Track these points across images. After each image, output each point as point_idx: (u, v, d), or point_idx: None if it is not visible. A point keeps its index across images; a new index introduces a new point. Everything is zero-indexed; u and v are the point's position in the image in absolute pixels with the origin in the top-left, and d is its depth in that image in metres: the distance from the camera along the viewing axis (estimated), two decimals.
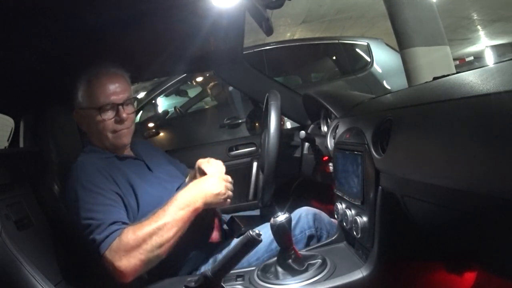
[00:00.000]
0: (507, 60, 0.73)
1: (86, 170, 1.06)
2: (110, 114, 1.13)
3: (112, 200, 1.01)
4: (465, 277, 0.83)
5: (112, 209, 0.99)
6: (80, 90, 1.14)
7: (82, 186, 1.01)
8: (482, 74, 0.67)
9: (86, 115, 1.14)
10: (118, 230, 0.94)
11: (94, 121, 1.12)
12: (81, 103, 1.14)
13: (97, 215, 0.96)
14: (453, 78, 0.79)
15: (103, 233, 0.93)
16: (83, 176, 1.04)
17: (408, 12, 3.11)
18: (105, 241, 0.92)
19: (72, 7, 0.95)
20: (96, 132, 1.15)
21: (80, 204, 0.98)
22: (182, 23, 1.25)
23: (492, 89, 0.54)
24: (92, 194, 0.99)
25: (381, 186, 0.80)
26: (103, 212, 0.97)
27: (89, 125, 1.16)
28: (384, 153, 0.78)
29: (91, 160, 1.11)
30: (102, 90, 1.12)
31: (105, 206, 0.98)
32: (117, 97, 1.13)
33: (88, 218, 0.96)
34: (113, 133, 1.14)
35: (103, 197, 1.00)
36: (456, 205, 0.59)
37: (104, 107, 1.11)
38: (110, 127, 1.13)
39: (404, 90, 1.29)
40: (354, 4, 5.90)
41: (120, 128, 1.14)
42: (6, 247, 0.84)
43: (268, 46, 3.63)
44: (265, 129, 1.30)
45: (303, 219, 1.11)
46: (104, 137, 1.14)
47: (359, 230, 0.89)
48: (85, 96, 1.13)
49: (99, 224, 0.94)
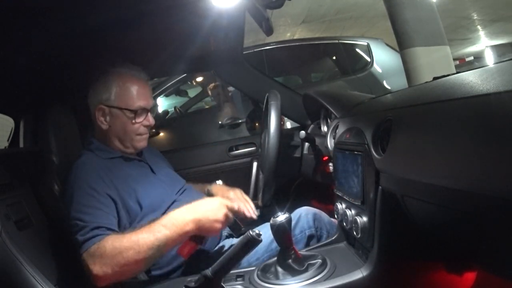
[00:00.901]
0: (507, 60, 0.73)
1: (85, 170, 1.06)
2: (141, 118, 1.16)
3: (103, 204, 1.00)
4: (465, 277, 0.83)
5: (100, 213, 0.97)
6: (114, 88, 1.14)
7: (78, 186, 1.01)
8: (482, 74, 0.67)
9: (115, 114, 1.15)
10: (100, 235, 0.92)
11: (124, 121, 1.14)
12: (112, 101, 1.14)
13: (84, 217, 0.95)
14: (453, 78, 0.79)
15: (85, 235, 0.92)
16: (81, 175, 1.04)
17: (408, 12, 3.11)
18: (85, 244, 0.91)
19: (72, 7, 0.95)
20: (122, 132, 1.16)
21: (73, 203, 0.99)
22: (182, 23, 1.25)
23: (492, 89, 0.54)
24: (85, 195, 0.99)
25: (381, 186, 0.80)
26: (91, 215, 0.96)
27: (115, 124, 1.16)
28: (384, 153, 0.78)
29: (94, 159, 1.11)
30: (140, 94, 1.15)
31: (94, 209, 0.98)
32: (148, 102, 1.17)
33: (75, 218, 0.96)
34: (139, 136, 1.17)
35: (95, 200, 0.99)
36: (456, 205, 0.59)
37: (138, 110, 1.14)
38: (139, 130, 1.16)
39: (404, 90, 1.29)
40: (354, 4, 5.90)
41: (145, 132, 1.19)
42: (6, 247, 0.84)
43: (268, 46, 3.63)
44: (265, 129, 1.30)
45: (303, 219, 1.11)
46: (129, 138, 1.16)
47: (359, 230, 0.89)
48: (120, 96, 1.14)
49: (84, 226, 0.94)
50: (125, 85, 1.15)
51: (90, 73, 1.37)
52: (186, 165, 1.65)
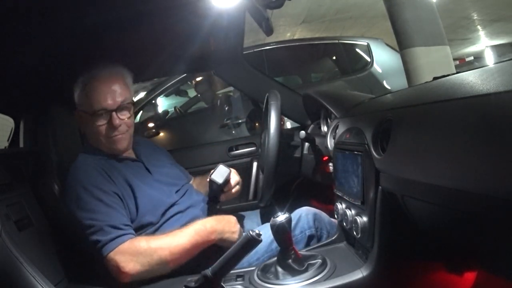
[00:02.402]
0: (507, 60, 0.73)
1: (86, 171, 1.06)
2: (103, 120, 1.11)
3: (114, 202, 1.01)
4: (465, 277, 0.83)
5: (114, 212, 0.99)
6: (76, 92, 1.14)
7: (83, 187, 1.01)
8: (482, 74, 0.67)
9: (82, 117, 1.14)
10: (127, 235, 0.96)
11: (89, 125, 1.12)
12: (78, 105, 1.14)
13: (99, 217, 0.97)
14: (453, 78, 0.79)
15: (108, 235, 0.95)
16: (83, 176, 1.04)
17: (408, 12, 3.11)
18: (110, 243, 0.94)
19: (72, 7, 0.95)
20: (92, 135, 1.14)
21: (81, 205, 0.99)
22: (182, 23, 1.25)
23: (492, 89, 0.54)
24: (93, 196, 1.00)
25: (381, 186, 0.80)
26: (106, 214, 0.98)
27: (86, 128, 1.16)
28: (384, 153, 0.78)
29: (90, 160, 1.11)
30: (95, 95, 1.10)
31: (107, 208, 0.99)
32: (111, 102, 1.10)
33: (89, 219, 0.97)
34: (107, 139, 1.13)
35: (105, 199, 1.00)
36: (456, 205, 0.59)
37: (97, 112, 1.10)
38: (103, 133, 1.12)
39: (404, 90, 1.29)
40: (354, 4, 5.90)
41: (113, 134, 1.12)
42: (6, 247, 0.84)
43: (268, 46, 3.63)
44: (265, 129, 1.30)
45: (303, 219, 1.11)
46: (101, 141, 1.14)
47: (359, 230, 0.89)
48: (80, 98, 1.13)
49: (102, 226, 0.95)
50: (84, 87, 1.12)
51: None
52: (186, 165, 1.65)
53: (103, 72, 1.13)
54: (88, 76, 1.13)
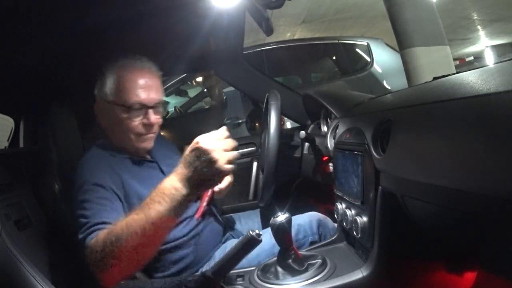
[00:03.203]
0: (507, 60, 0.73)
1: (90, 166, 1.00)
2: (138, 115, 1.03)
3: (108, 200, 0.93)
4: (465, 277, 0.83)
5: (104, 209, 0.90)
6: (109, 81, 1.04)
7: (82, 181, 0.96)
8: (482, 74, 0.67)
9: (110, 110, 1.04)
10: (98, 230, 0.84)
11: (119, 118, 1.03)
12: (107, 95, 1.03)
13: (86, 213, 0.89)
14: (453, 78, 0.79)
15: (85, 232, 0.85)
16: (85, 172, 0.98)
17: (408, 12, 3.11)
18: (85, 241, 0.84)
19: (72, 7, 0.95)
20: (118, 130, 1.05)
21: (77, 201, 0.93)
22: (182, 23, 1.25)
23: (492, 89, 0.54)
24: (88, 191, 0.93)
25: (381, 186, 0.80)
26: (93, 210, 0.89)
27: (111, 121, 1.05)
28: (384, 153, 0.78)
29: (100, 154, 1.04)
30: (134, 87, 1.02)
31: (97, 205, 0.91)
32: (149, 98, 1.03)
33: (78, 216, 0.90)
34: (138, 136, 1.05)
35: (99, 195, 0.93)
36: (456, 205, 0.59)
37: (133, 106, 1.01)
38: (136, 130, 1.04)
39: (404, 90, 1.29)
40: (354, 4, 5.90)
41: (145, 132, 1.06)
42: (6, 247, 0.84)
43: (268, 46, 3.63)
44: (265, 129, 1.30)
45: (307, 224, 1.11)
46: (127, 138, 1.05)
47: (359, 230, 0.89)
48: (113, 88, 1.03)
49: (85, 222, 0.87)
50: (122, 77, 1.03)
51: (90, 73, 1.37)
52: None
53: (141, 64, 1.06)
54: (123, 66, 1.05)
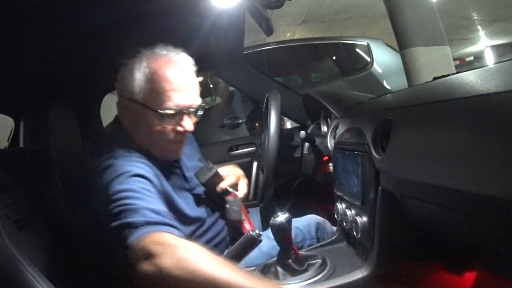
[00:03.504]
0: (507, 60, 0.73)
1: (127, 159, 0.84)
2: (173, 121, 0.89)
3: (153, 193, 0.80)
4: (465, 277, 0.83)
5: (151, 200, 0.77)
6: (137, 76, 0.87)
7: (121, 173, 0.79)
8: (482, 74, 0.67)
9: (139, 112, 0.88)
10: (171, 227, 0.72)
11: (148, 123, 0.88)
12: (134, 94, 0.87)
13: (132, 201, 0.74)
14: (453, 78, 0.79)
15: (144, 218, 0.71)
16: (123, 164, 0.82)
17: (408, 12, 3.11)
18: (146, 227, 0.70)
19: (72, 7, 0.95)
20: (146, 135, 0.91)
21: (115, 191, 0.77)
22: (182, 23, 1.25)
23: (492, 89, 0.54)
24: (132, 182, 0.78)
25: (381, 186, 0.80)
26: (141, 199, 0.75)
27: (138, 124, 0.90)
28: (384, 153, 0.78)
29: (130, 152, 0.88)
30: (170, 88, 0.85)
31: (144, 195, 0.77)
32: (187, 101, 0.88)
33: (120, 205, 0.74)
34: (168, 143, 0.91)
35: (143, 187, 0.79)
36: (456, 205, 0.59)
37: (168, 112, 0.86)
38: (167, 137, 0.90)
39: (404, 90, 1.29)
40: (354, 4, 5.90)
41: (178, 139, 0.92)
42: (6, 247, 0.84)
43: (268, 46, 3.63)
44: (265, 129, 1.30)
45: (305, 228, 1.11)
46: (155, 143, 0.91)
47: (359, 230, 0.89)
48: (143, 87, 0.87)
49: (136, 208, 0.73)
50: (155, 75, 0.86)
51: (90, 73, 1.37)
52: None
53: (174, 58, 0.90)
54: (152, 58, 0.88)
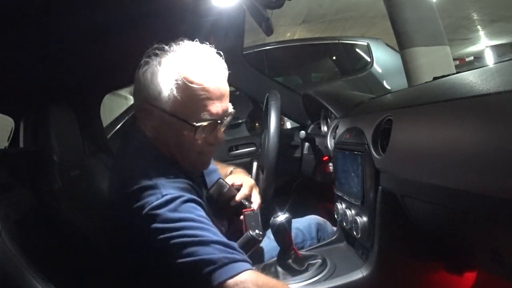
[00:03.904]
0: (507, 60, 0.73)
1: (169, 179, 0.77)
2: (206, 133, 0.83)
3: (209, 220, 0.76)
4: (465, 277, 0.83)
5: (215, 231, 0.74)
6: (166, 83, 0.79)
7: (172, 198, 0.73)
8: (482, 74, 0.67)
9: (166, 121, 0.81)
10: (248, 262, 0.72)
11: (177, 135, 0.82)
12: (163, 102, 0.79)
13: (205, 235, 0.71)
14: (453, 78, 0.79)
15: (221, 254, 0.69)
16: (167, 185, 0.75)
17: (408, 12, 3.11)
18: (232, 265, 0.69)
19: (72, 6, 0.95)
20: (175, 147, 0.84)
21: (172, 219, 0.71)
22: (182, 23, 1.25)
23: (492, 89, 0.54)
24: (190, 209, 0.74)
25: (381, 186, 0.80)
26: (211, 232, 0.72)
27: (166, 134, 0.83)
28: (384, 153, 0.78)
29: (163, 165, 0.81)
30: (206, 99, 0.79)
31: (210, 226, 0.74)
32: (220, 111, 0.82)
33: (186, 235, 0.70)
34: (198, 155, 0.85)
35: (202, 215, 0.75)
36: (456, 205, 0.59)
37: (203, 124, 0.80)
38: (198, 149, 0.84)
39: (404, 90, 1.30)
40: (354, 4, 5.90)
41: (209, 150, 0.87)
42: (6, 247, 0.84)
43: (268, 46, 3.63)
44: (265, 129, 1.30)
45: (306, 229, 1.11)
46: (184, 157, 0.84)
47: (359, 230, 0.89)
48: (175, 97, 0.78)
49: (206, 241, 0.70)
50: (188, 81, 0.78)
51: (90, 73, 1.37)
52: None
53: (209, 60, 0.85)
54: (184, 61, 0.81)
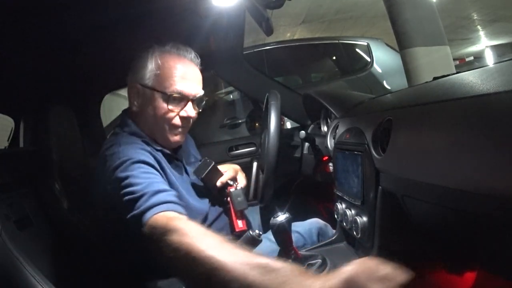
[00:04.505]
0: (507, 60, 0.73)
1: (130, 146, 0.91)
2: (176, 105, 0.98)
3: (157, 175, 0.87)
4: (465, 277, 0.83)
5: (155, 181, 0.83)
6: (149, 64, 0.98)
7: (124, 160, 0.85)
8: (482, 74, 0.67)
9: (148, 96, 0.98)
10: (177, 205, 0.78)
11: (155, 105, 0.97)
12: (147, 79, 0.98)
13: (137, 187, 0.80)
14: (453, 78, 0.79)
15: (143, 206, 0.76)
16: (126, 151, 0.88)
17: (408, 12, 3.11)
18: (142, 217, 0.75)
19: (72, 7, 0.95)
20: (152, 118, 0.99)
21: (120, 178, 0.82)
22: (182, 23, 1.25)
23: (492, 89, 0.54)
24: (135, 168, 0.84)
25: (381, 186, 0.80)
26: (145, 183, 0.81)
27: (146, 107, 0.99)
28: (384, 153, 0.78)
29: (135, 139, 0.96)
30: (177, 75, 0.97)
31: (147, 179, 0.83)
32: (191, 89, 0.99)
33: (127, 193, 0.80)
34: (171, 128, 1.00)
35: (147, 171, 0.85)
36: (456, 205, 0.59)
37: (174, 95, 0.96)
38: (171, 121, 0.99)
39: (404, 90, 1.30)
40: (354, 4, 5.90)
41: (180, 124, 1.00)
42: (6, 247, 0.84)
43: (268, 46, 3.63)
44: (265, 129, 1.30)
45: (306, 233, 1.12)
46: (160, 127, 0.99)
47: (359, 230, 0.89)
48: (157, 75, 0.97)
49: (139, 196, 0.78)
50: (165, 63, 0.97)
51: (90, 73, 1.37)
52: None
53: (183, 53, 1.02)
54: (165, 51, 1.00)
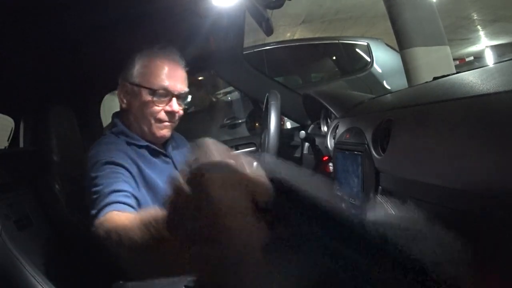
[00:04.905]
0: (507, 60, 0.73)
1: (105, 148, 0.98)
2: (161, 101, 1.05)
3: (120, 174, 0.92)
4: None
5: (115, 181, 0.88)
6: (137, 64, 1.06)
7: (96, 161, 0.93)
8: (482, 74, 0.67)
9: (135, 92, 1.05)
10: (119, 203, 0.81)
11: (142, 101, 1.04)
12: (133, 77, 1.06)
13: (98, 187, 0.86)
14: (453, 78, 0.79)
15: (99, 206, 0.81)
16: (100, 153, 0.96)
17: (408, 12, 3.11)
18: (98, 216, 0.79)
19: (72, 7, 0.95)
20: (140, 113, 1.06)
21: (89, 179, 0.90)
22: (182, 23, 1.25)
23: (492, 89, 0.54)
24: (102, 168, 0.91)
25: (381, 186, 0.80)
26: (105, 183, 0.87)
27: (134, 104, 1.06)
28: (384, 153, 0.78)
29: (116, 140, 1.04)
30: (162, 72, 1.05)
31: (109, 179, 0.88)
32: (175, 86, 1.06)
33: (90, 192, 0.87)
34: (158, 122, 1.07)
35: (111, 171, 0.91)
36: (456, 205, 0.59)
37: (159, 91, 1.04)
38: (157, 115, 1.06)
39: (404, 90, 1.30)
40: (354, 4, 5.90)
41: (165, 119, 1.07)
42: (6, 247, 0.84)
43: (268, 46, 3.63)
44: (265, 129, 1.30)
45: None
46: (147, 121, 1.06)
47: None
48: (141, 72, 1.05)
49: (97, 196, 0.84)
50: (151, 62, 1.05)
51: (90, 73, 1.37)
52: None
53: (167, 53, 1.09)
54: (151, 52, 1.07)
